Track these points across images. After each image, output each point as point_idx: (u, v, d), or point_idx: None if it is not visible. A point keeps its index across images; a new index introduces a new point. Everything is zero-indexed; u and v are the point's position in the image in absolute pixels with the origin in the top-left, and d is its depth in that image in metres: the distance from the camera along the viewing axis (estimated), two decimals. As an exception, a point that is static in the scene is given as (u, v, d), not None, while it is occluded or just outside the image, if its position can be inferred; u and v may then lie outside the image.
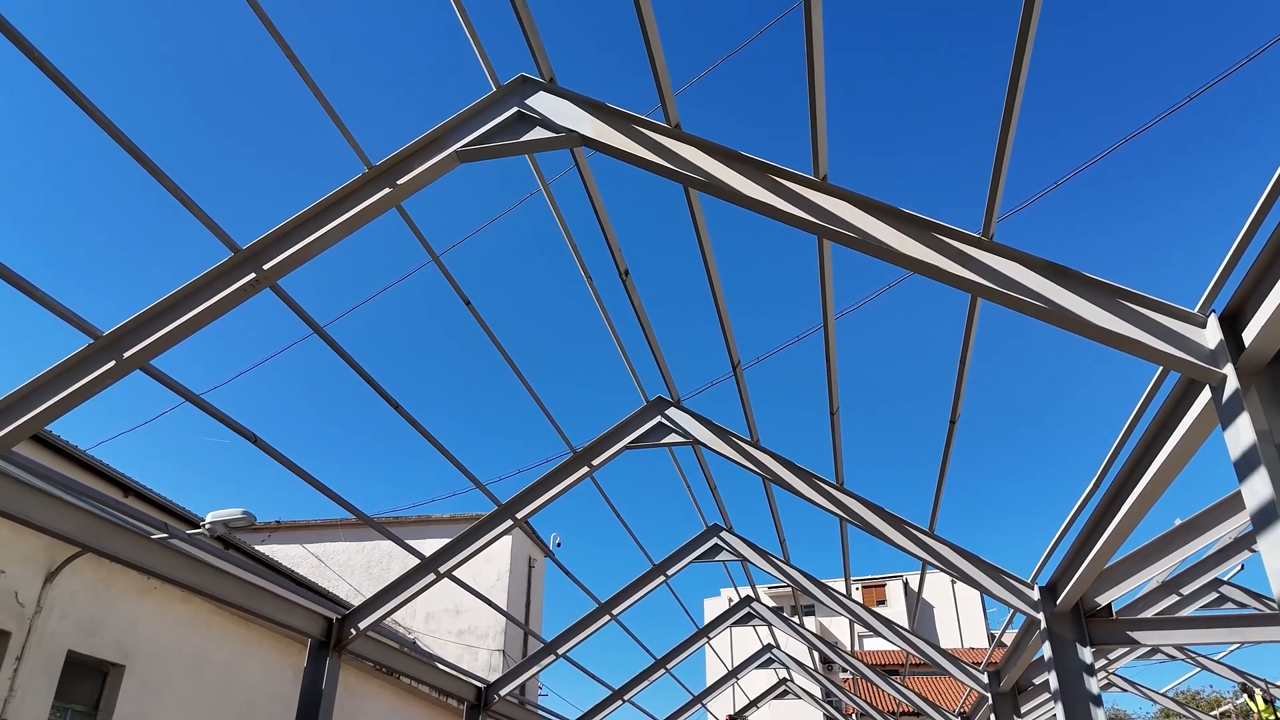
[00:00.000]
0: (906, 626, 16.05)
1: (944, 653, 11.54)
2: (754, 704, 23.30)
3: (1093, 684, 7.30)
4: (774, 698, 23.32)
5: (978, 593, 54.30)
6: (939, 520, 8.44)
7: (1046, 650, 7.62)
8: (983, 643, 49.12)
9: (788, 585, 15.58)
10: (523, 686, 22.67)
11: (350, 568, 22.40)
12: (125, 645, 8.54)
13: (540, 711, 16.23)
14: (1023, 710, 11.02)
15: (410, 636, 20.08)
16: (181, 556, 7.26)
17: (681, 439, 9.12)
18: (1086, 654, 7.45)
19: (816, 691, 24.75)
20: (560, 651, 12.75)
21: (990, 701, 11.20)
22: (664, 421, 9.23)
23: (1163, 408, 4.86)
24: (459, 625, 21.31)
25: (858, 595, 52.88)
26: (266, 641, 10.83)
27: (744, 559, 12.56)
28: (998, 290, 4.37)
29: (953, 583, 53.67)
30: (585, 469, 9.24)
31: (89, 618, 8.08)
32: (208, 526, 7.91)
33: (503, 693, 12.47)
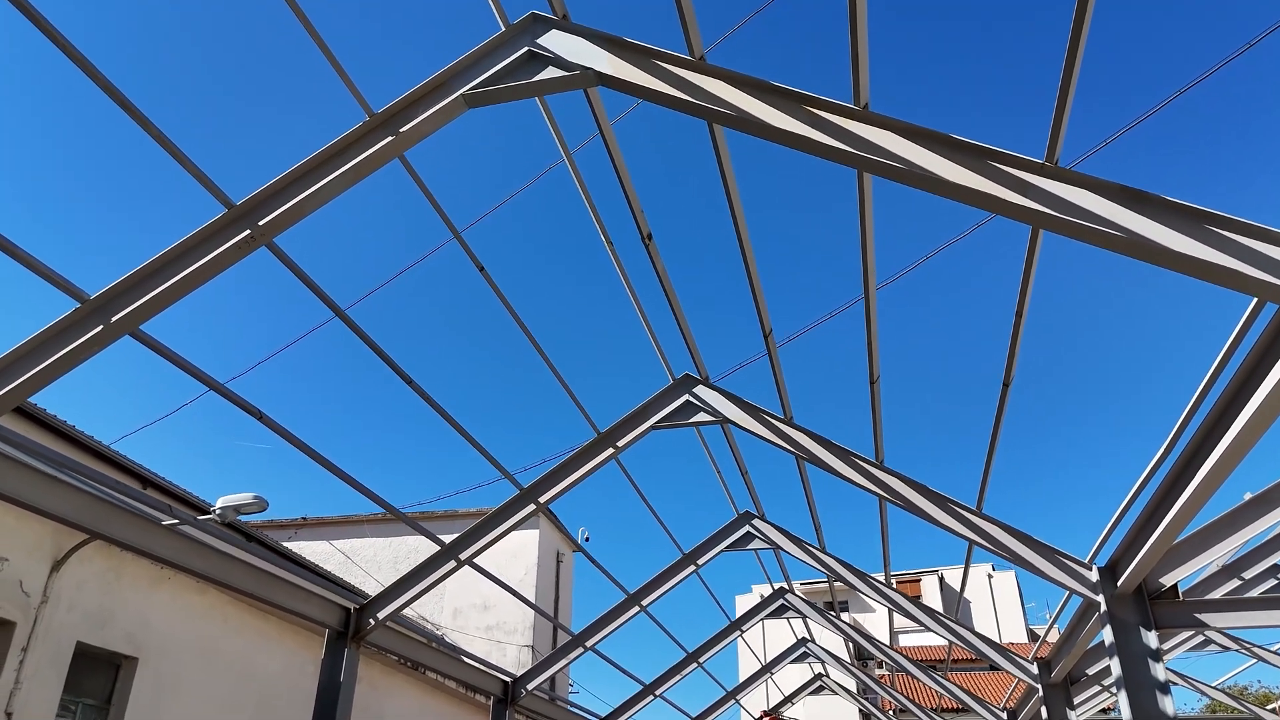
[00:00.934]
0: (938, 649, 15.49)
1: (989, 641, 11.01)
2: (789, 700, 22.79)
3: (1159, 670, 6.78)
4: (809, 693, 22.79)
5: (1015, 588, 53.34)
6: (987, 499, 7.94)
7: (1107, 635, 7.10)
8: (1022, 638, 48.15)
9: (823, 581, 15.00)
10: (553, 682, 22.33)
11: (377, 563, 22.19)
12: (137, 637, 8.26)
13: (569, 707, 15.87)
14: (1075, 702, 10.46)
15: (439, 632, 19.82)
16: (191, 543, 6.95)
17: (710, 417, 8.69)
18: (1151, 638, 6.92)
19: (853, 687, 24.19)
20: (589, 644, 12.36)
21: (1040, 693, 10.65)
22: (692, 400, 8.81)
23: (1254, 349, 4.35)
24: (487, 621, 21.02)
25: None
26: (286, 634, 10.55)
27: (777, 547, 12.10)
28: (1066, 219, 3.90)
29: (989, 578, 52.70)
30: (610, 450, 8.84)
31: (98, 609, 7.81)
32: (218, 512, 7.60)
33: (530, 687, 12.11)
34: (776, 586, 15.80)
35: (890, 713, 26.33)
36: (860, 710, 35.82)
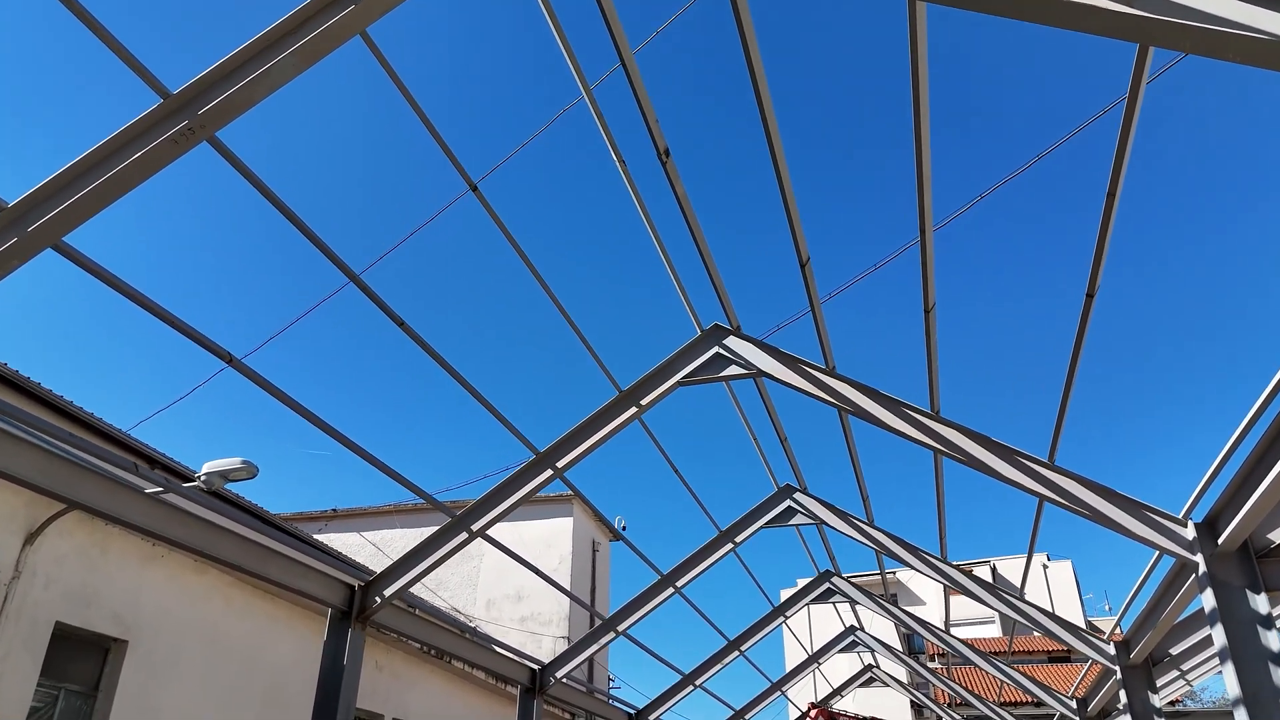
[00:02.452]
0: (997, 640, 14.45)
1: (1060, 620, 10.01)
2: (838, 692, 21.80)
3: (1271, 639, 5.80)
4: (859, 685, 21.78)
5: (1073, 579, 51.50)
6: (1061, 450, 7.01)
7: (1206, 600, 6.13)
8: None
9: (872, 573, 14.11)
10: (590, 675, 21.59)
11: (408, 554, 21.66)
12: (126, 618, 7.65)
13: (601, 697, 15.09)
14: (1159, 685, 9.43)
15: (472, 624, 19.18)
16: (176, 512, 6.30)
17: (742, 370, 7.84)
18: (1260, 602, 5.95)
19: (905, 678, 23.12)
20: (620, 629, 11.57)
21: (1118, 676, 9.63)
22: (722, 352, 7.98)
23: None
24: (521, 612, 20.35)
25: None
26: (296, 618, 9.92)
27: (820, 522, 11.20)
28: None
29: (1044, 568, 50.90)
30: (633, 409, 8.04)
31: (81, 586, 7.20)
32: (203, 479, 6.95)
33: (559, 674, 11.35)
34: (822, 570, 14.88)
35: (946, 706, 25.15)
36: (912, 703, 34.58)
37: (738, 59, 4.96)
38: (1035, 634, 45.44)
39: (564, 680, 12.00)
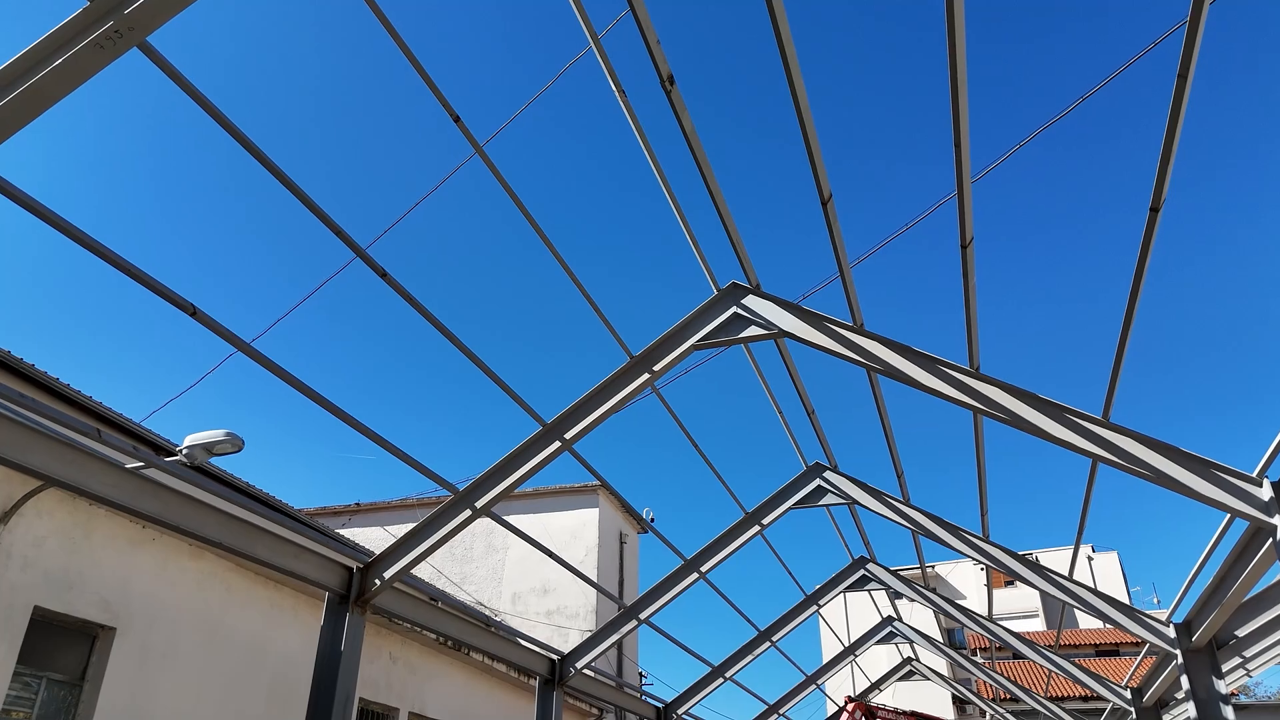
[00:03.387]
0: (1043, 634, 13.70)
1: (1113, 601, 9.29)
2: (876, 686, 21.07)
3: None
4: (898, 679, 21.03)
5: (1119, 571, 50.02)
6: (1116, 409, 6.35)
7: (1289, 567, 5.44)
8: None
9: (911, 567, 13.48)
10: (620, 668, 21.07)
11: (432, 548, 21.26)
12: (115, 605, 7.25)
13: (632, 692, 14.56)
14: (1224, 669, 8.68)
15: (498, 618, 18.74)
16: (157, 488, 5.86)
17: (763, 330, 7.26)
18: (1352, 569, 5.24)
19: (945, 670, 22.30)
20: (643, 616, 11.02)
21: (1179, 661, 8.88)
22: (740, 312, 7.40)
23: None
24: (547, 605, 19.87)
25: (981, 576, 49.38)
26: (304, 607, 9.49)
27: (852, 501, 10.58)
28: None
29: (1089, 560, 49.52)
30: (646, 375, 7.50)
31: (62, 569, 6.80)
32: (185, 452, 6.51)
33: (579, 665, 10.82)
34: (856, 556, 14.22)
35: (991, 701, 24.23)
36: (955, 698, 33.62)
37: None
38: (1082, 628, 44.18)
39: (585, 672, 11.48)
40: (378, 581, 7.46)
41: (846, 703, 17.00)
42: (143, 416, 9.45)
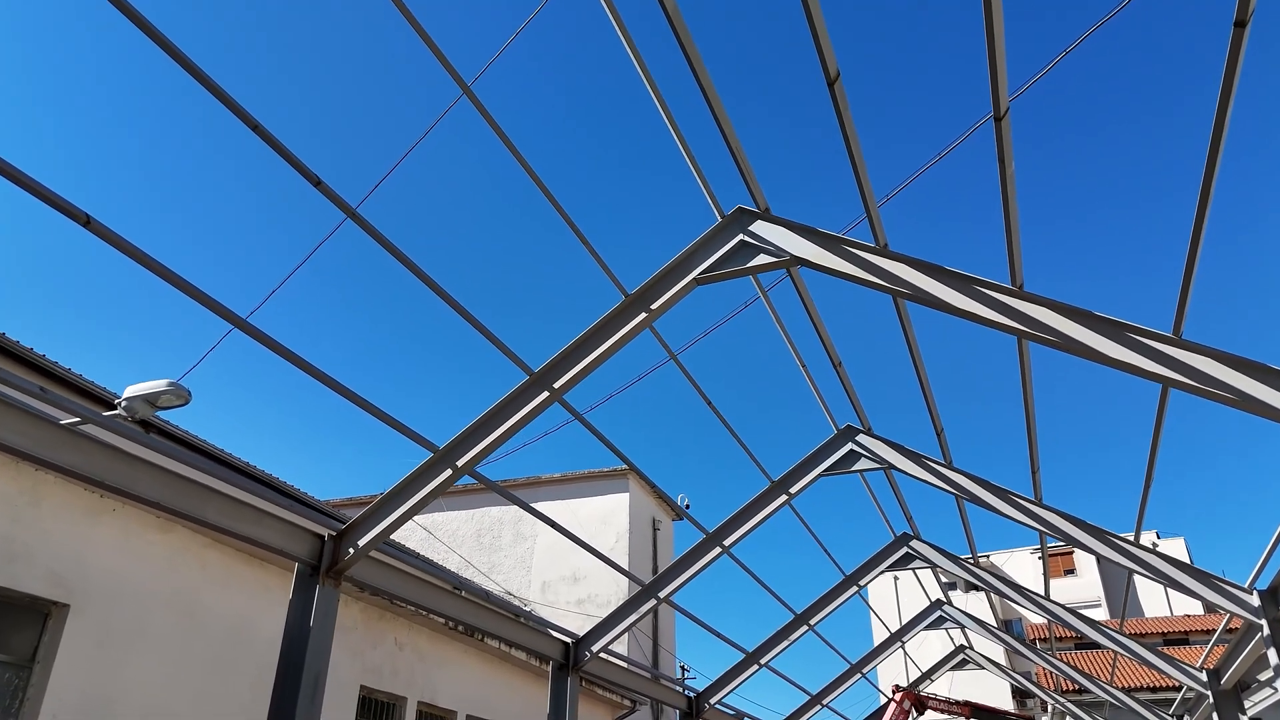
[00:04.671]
0: (1107, 615, 12.67)
1: (1187, 568, 8.23)
2: (928, 676, 19.97)
3: None
4: (950, 667, 19.90)
5: (1187, 559, 47.83)
6: (1188, 326, 5.39)
7: None
8: (1197, 611, 43.01)
9: (962, 557, 12.61)
10: (655, 659, 20.25)
11: (459, 538, 20.66)
12: (69, 579, 6.63)
13: (670, 684, 13.73)
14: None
15: (527, 607, 18.04)
16: (99, 447, 5.21)
17: (773, 258, 6.40)
18: None
19: (1002, 659, 21.09)
20: (663, 595, 10.20)
21: (1265, 633, 7.81)
22: (748, 239, 6.55)
23: None
24: (577, 594, 19.15)
25: (1038, 566, 47.52)
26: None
27: (888, 465, 9.64)
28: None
29: (1154, 546, 47.48)
30: (643, 315, 6.69)
31: (4, 541, 6.19)
32: (124, 405, 5.86)
33: (595, 649, 10.03)
34: (899, 533, 13.24)
35: (1054, 692, 22.88)
36: (1014, 689, 32.16)
37: None
38: (1148, 616, 42.26)
39: (614, 660, 10.69)
40: (351, 550, 6.75)
41: (894, 692, 16.00)
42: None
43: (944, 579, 46.54)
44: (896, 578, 47.97)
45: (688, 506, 20.89)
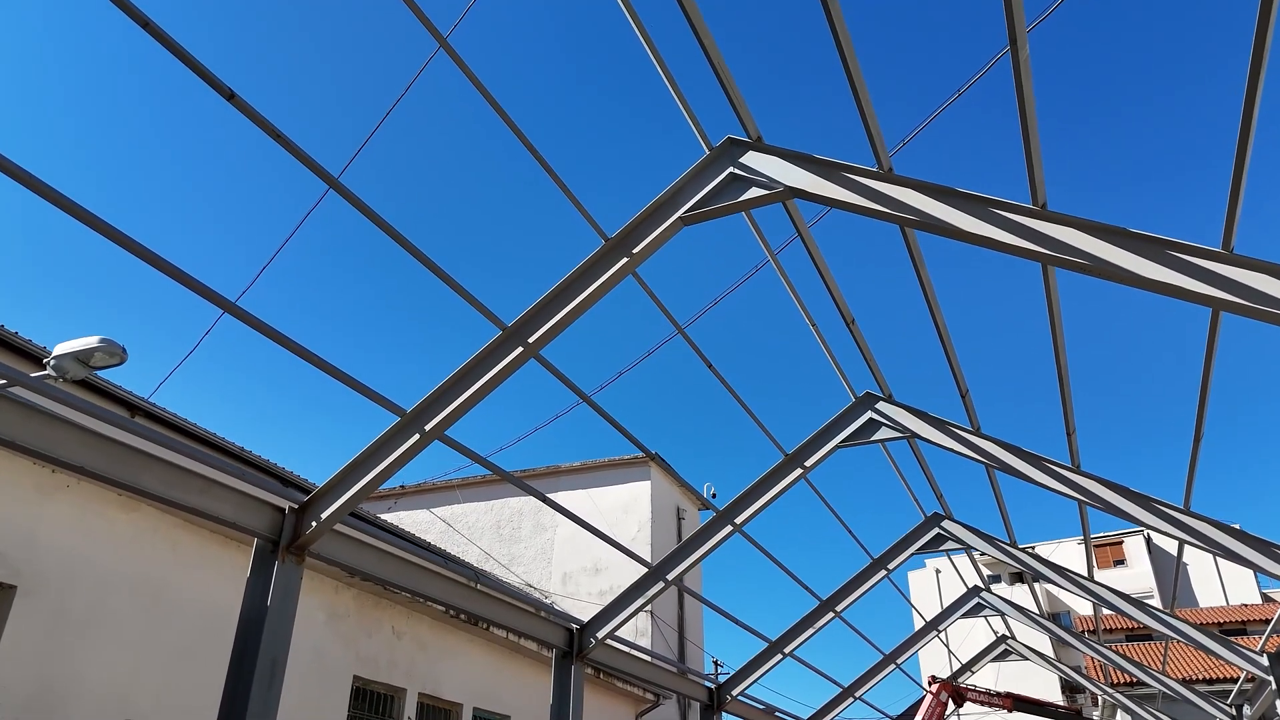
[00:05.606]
0: (1157, 605, 11.84)
1: (1246, 536, 7.42)
2: (968, 668, 19.08)
3: None
4: (992, 659, 18.98)
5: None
6: (1239, 238, 4.66)
7: None
8: (1254, 599, 41.35)
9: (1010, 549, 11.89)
10: (681, 652, 19.60)
11: (479, 530, 20.19)
12: (15, 559, 6.19)
13: (697, 679, 13.09)
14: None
15: (548, 600, 17.49)
16: (26, 411, 4.74)
17: (766, 191, 5.78)
18: None
19: (1048, 649, 20.12)
20: (670, 577, 9.58)
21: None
22: (739, 172, 5.93)
23: None
24: (599, 585, 18.54)
25: (1085, 557, 46.04)
26: (275, 572, 8.33)
27: (911, 434, 8.93)
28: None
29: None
30: (624, 260, 6.08)
31: (-59, 515, 5.77)
32: (53, 364, 5.39)
33: (600, 635, 9.45)
34: (929, 513, 12.47)
35: (1106, 685, 21.78)
36: (1064, 683, 30.95)
37: None
38: (1202, 606, 40.65)
39: (611, 644, 10.10)
40: (314, 523, 6.21)
41: (930, 683, 15.20)
42: (149, 392, 8.51)
43: (987, 571, 45.29)
44: (938, 570, 46.80)
45: (714, 496, 20.22)
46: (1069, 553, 46.68)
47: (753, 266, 8.53)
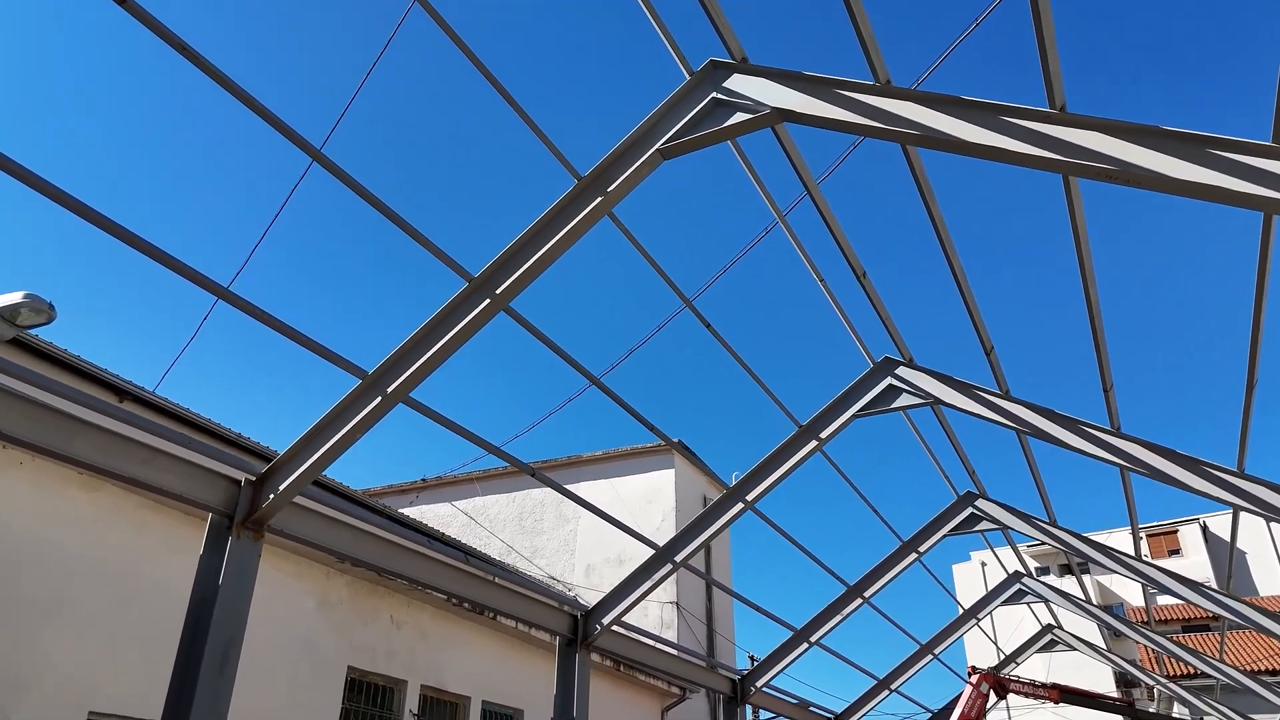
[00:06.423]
0: (1214, 586, 11.09)
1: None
2: (1012, 659, 18.23)
3: None
4: (1038, 649, 18.10)
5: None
6: None
7: None
8: (1319, 589, 39.58)
9: (1041, 545, 11.12)
10: (710, 646, 18.98)
11: (500, 522, 19.75)
12: (-42, 538, 5.81)
13: (683, 654, 12.50)
14: None
15: (571, 593, 16.99)
16: None
17: (751, 115, 5.21)
18: None
19: (1097, 639, 19.17)
20: (679, 559, 9.02)
21: None
22: (721, 97, 5.39)
23: None
24: (623, 576, 17.90)
25: (1143, 546, 44.51)
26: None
27: (934, 400, 8.27)
28: None
29: (1268, 522, 43.87)
30: (599, 199, 5.54)
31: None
32: (-25, 322, 4.98)
33: (606, 621, 8.92)
34: (962, 492, 11.75)
35: (1164, 678, 20.70)
36: (1117, 675, 29.75)
37: None
38: (1263, 595, 38.97)
39: (620, 631, 9.57)
40: (271, 496, 5.75)
41: (970, 674, 14.42)
42: (154, 384, 8.17)
43: (1035, 563, 43.93)
44: (984, 564, 45.53)
45: (743, 484, 19.53)
46: (1120, 542, 45.18)
47: (762, 229, 7.99)
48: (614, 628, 9.15)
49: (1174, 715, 23.29)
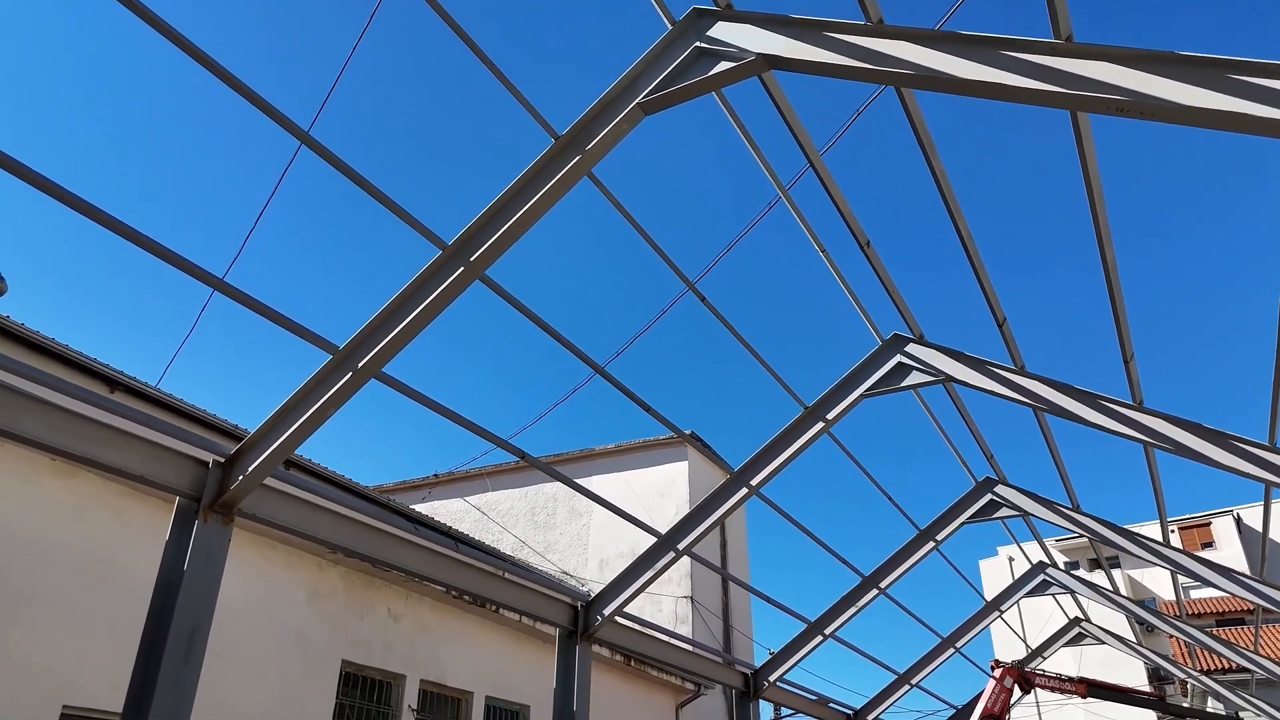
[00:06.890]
0: (1247, 573, 10.64)
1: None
2: (1039, 653, 17.71)
3: None
4: (1065, 643, 17.57)
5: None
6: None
7: None
8: (1360, 582, 38.45)
9: (1072, 539, 10.64)
10: (727, 642, 18.61)
11: (513, 517, 19.50)
12: (-74, 527, 5.61)
13: (693, 647, 12.16)
14: None
15: (584, 588, 16.69)
16: None
17: (734, 63, 4.90)
18: None
19: (1124, 629, 18.60)
20: (681, 546, 8.69)
21: None
22: (704, 46, 5.08)
23: None
24: (637, 571, 17.60)
25: (1175, 540, 43.53)
26: (245, 544, 7.68)
27: (946, 378, 7.88)
28: None
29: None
30: (577, 158, 5.22)
31: None
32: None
33: (608, 611, 8.61)
34: (980, 478, 11.33)
35: (1199, 672, 20.04)
36: (1149, 670, 29.03)
37: None
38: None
39: (624, 622, 9.26)
40: (240, 478, 5.49)
41: (993, 668, 13.97)
42: (156, 380, 7.97)
43: (1064, 558, 43.12)
44: (1011, 559, 44.74)
45: (759, 477, 19.13)
46: (1151, 536, 44.22)
47: (756, 199, 7.65)
48: (619, 620, 8.84)
49: (1208, 709, 22.63)
